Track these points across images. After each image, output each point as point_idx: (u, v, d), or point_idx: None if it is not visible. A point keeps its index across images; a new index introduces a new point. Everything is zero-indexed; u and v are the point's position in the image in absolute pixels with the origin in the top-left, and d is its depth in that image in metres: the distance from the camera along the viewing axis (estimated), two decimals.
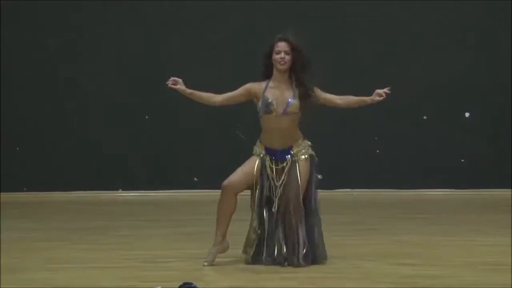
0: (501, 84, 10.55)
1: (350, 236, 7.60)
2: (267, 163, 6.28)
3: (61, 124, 10.71)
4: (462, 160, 10.65)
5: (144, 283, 5.77)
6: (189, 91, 6.33)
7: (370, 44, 10.59)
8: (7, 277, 5.95)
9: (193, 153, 10.51)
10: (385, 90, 6.45)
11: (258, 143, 6.38)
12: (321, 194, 10.37)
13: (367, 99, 6.50)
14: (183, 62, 10.18)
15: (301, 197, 6.26)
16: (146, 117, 10.68)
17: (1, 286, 5.69)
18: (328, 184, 10.60)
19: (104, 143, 10.68)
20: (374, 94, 6.45)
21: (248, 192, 6.36)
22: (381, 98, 6.45)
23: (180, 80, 6.30)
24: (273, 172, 6.27)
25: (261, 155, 6.31)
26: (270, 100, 6.23)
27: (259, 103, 6.26)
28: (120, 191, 10.74)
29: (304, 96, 6.29)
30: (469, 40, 10.60)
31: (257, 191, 6.29)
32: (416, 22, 10.60)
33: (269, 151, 6.31)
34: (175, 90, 6.30)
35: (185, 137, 10.54)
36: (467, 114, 10.65)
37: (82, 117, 10.71)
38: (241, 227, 6.46)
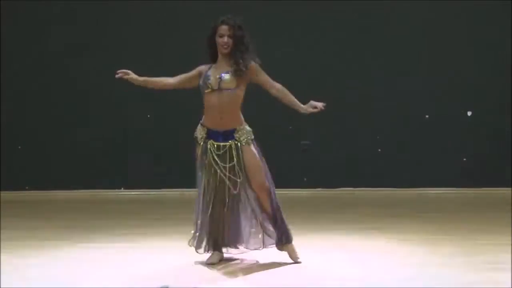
0: (504, 83, 10.54)
1: (351, 235, 7.60)
2: (209, 146, 6.25)
3: (63, 123, 10.72)
4: (464, 159, 10.64)
5: (147, 281, 5.78)
6: (141, 78, 6.39)
7: (371, 43, 10.59)
8: (9, 276, 5.96)
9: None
10: (321, 105, 6.22)
11: (199, 127, 6.34)
12: (323, 192, 10.58)
13: (299, 107, 6.24)
14: (185, 61, 10.18)
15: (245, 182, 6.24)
16: (148, 115, 10.69)
17: (2, 285, 5.70)
18: (330, 182, 10.62)
19: (106, 141, 10.69)
20: (308, 104, 6.23)
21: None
22: (315, 110, 6.23)
23: (129, 71, 6.35)
24: (217, 156, 6.22)
25: (203, 139, 6.28)
26: (208, 77, 6.20)
27: (200, 82, 6.25)
28: (122, 189, 10.75)
29: (237, 71, 6.18)
30: (472, 38, 10.59)
31: (205, 178, 6.27)
32: (418, 20, 10.60)
33: (212, 134, 6.27)
34: (127, 80, 6.35)
35: (187, 135, 10.53)
36: (469, 113, 10.65)
37: (84, 116, 10.71)
38: None
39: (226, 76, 6.19)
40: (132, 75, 6.38)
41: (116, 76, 6.37)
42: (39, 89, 10.71)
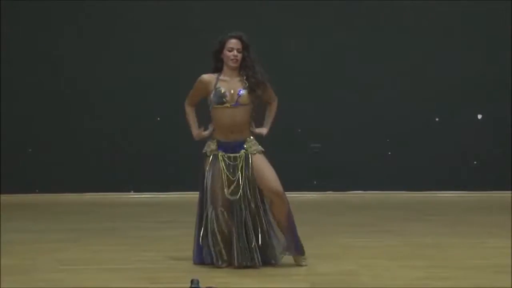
0: None
1: (361, 238, 7.60)
2: (220, 158, 6.27)
3: (73, 126, 10.73)
4: (475, 162, 10.62)
5: (155, 284, 5.79)
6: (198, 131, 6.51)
7: (381, 46, 10.58)
8: (19, 278, 5.98)
9: None
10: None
11: (209, 142, 6.39)
12: (333, 195, 10.57)
13: (260, 128, 6.46)
14: (193, 64, 10.20)
15: (257, 191, 6.25)
16: (158, 118, 10.70)
17: (14, 287, 5.72)
18: (340, 185, 10.61)
19: (116, 145, 10.70)
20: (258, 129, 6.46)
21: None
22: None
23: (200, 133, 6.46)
24: (228, 167, 6.25)
25: (213, 152, 6.31)
26: (222, 92, 6.23)
27: (211, 95, 6.27)
28: (132, 192, 10.76)
29: (252, 89, 6.26)
30: (482, 41, 10.57)
31: (216, 188, 6.25)
32: (428, 22, 10.58)
33: (222, 146, 6.30)
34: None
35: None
36: (479, 116, 10.63)
37: (94, 119, 10.73)
38: None
39: (244, 93, 6.24)
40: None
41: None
42: (49, 92, 10.72)
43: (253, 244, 6.22)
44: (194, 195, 6.61)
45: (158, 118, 10.71)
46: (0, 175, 10.61)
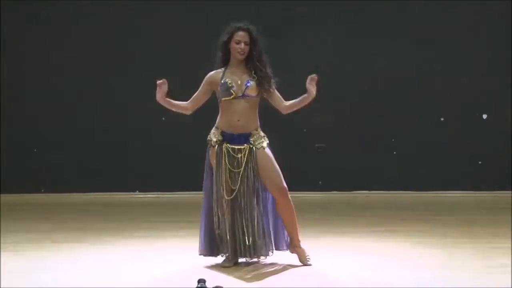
0: None
1: (366, 238, 7.59)
2: (224, 149, 6.27)
3: (79, 126, 10.76)
4: (480, 162, 10.61)
5: (161, 284, 5.80)
6: (167, 98, 6.38)
7: (385, 45, 10.58)
8: (25, 277, 6.00)
9: None
10: (313, 76, 6.32)
11: (213, 130, 6.36)
12: (338, 195, 10.57)
13: (307, 98, 6.36)
14: (198, 63, 10.20)
15: (259, 186, 6.25)
16: (163, 118, 10.71)
17: (18, 287, 5.74)
18: (345, 185, 10.61)
19: (121, 144, 10.72)
20: (308, 88, 6.33)
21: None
22: (314, 83, 6.32)
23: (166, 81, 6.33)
24: (232, 159, 6.24)
25: (218, 143, 6.28)
26: (229, 84, 6.23)
27: (218, 88, 6.27)
28: (137, 192, 10.77)
29: (260, 82, 6.26)
30: (487, 41, 10.56)
31: (219, 180, 6.24)
32: (433, 22, 10.57)
33: (227, 136, 6.29)
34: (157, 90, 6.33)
35: (202, 139, 10.55)
36: (484, 116, 10.62)
37: (100, 118, 10.75)
38: None
39: (252, 84, 6.24)
40: (164, 89, 6.32)
41: (158, 82, 6.32)
42: (54, 92, 10.75)
43: (251, 238, 6.24)
44: (199, 195, 6.61)
45: (164, 118, 10.72)
46: (6, 174, 10.64)
